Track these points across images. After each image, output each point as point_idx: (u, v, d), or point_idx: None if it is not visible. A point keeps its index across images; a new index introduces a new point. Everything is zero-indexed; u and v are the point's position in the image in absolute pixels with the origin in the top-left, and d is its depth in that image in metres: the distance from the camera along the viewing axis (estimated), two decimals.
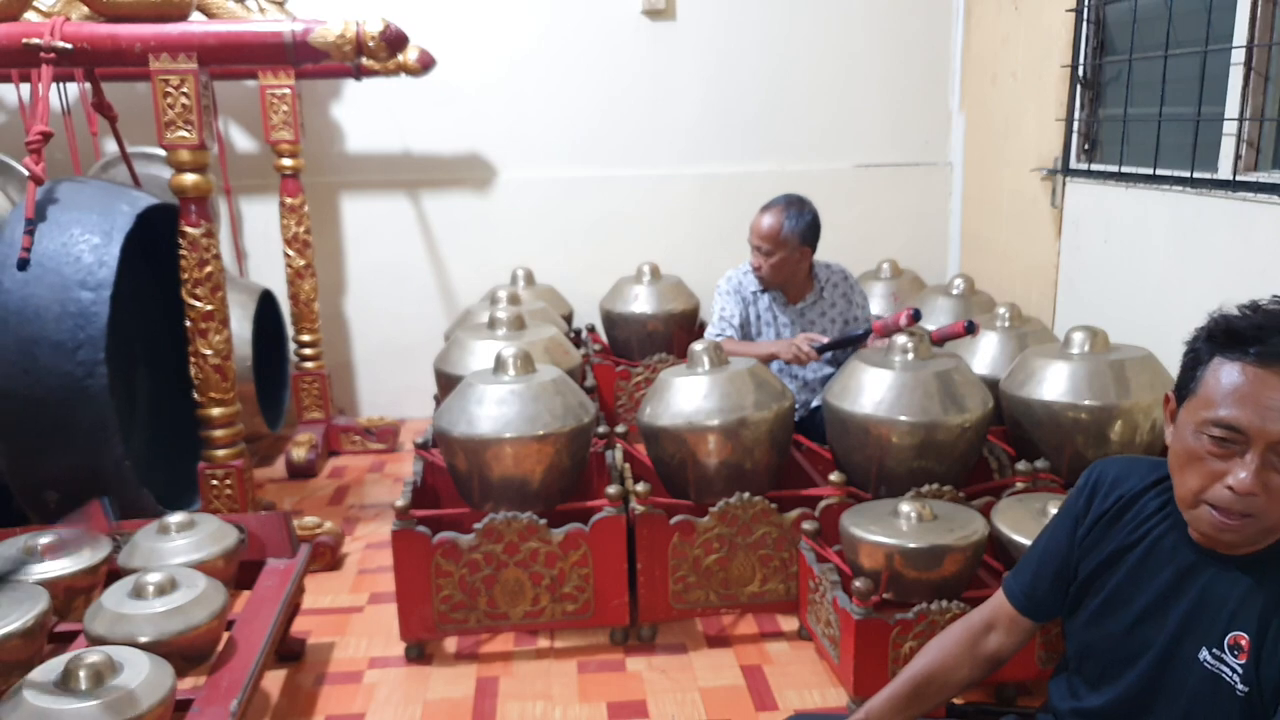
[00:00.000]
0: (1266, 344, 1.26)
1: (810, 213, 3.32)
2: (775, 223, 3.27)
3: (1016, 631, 1.67)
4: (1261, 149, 2.84)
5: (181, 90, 2.61)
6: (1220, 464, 1.29)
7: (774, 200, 3.35)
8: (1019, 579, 1.67)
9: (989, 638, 1.69)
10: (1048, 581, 1.63)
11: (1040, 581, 1.64)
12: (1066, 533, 1.61)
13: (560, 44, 4.51)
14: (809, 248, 3.34)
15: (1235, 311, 1.34)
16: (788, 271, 3.35)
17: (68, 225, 2.69)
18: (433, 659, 2.66)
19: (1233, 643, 1.36)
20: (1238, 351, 1.29)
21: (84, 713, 1.66)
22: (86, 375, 2.60)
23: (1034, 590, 1.64)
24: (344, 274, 4.67)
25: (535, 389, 2.66)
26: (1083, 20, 3.64)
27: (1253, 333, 1.28)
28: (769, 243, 3.28)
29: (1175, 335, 2.97)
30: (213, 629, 2.06)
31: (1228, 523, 1.30)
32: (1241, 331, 1.29)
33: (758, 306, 3.46)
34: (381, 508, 3.71)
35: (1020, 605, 1.66)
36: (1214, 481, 1.30)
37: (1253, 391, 1.26)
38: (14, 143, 3.09)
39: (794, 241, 3.29)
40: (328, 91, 4.44)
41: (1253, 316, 1.31)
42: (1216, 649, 1.37)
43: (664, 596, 2.68)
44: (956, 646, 1.69)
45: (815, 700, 2.42)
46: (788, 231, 3.27)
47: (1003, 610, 1.68)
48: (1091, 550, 1.56)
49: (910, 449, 2.69)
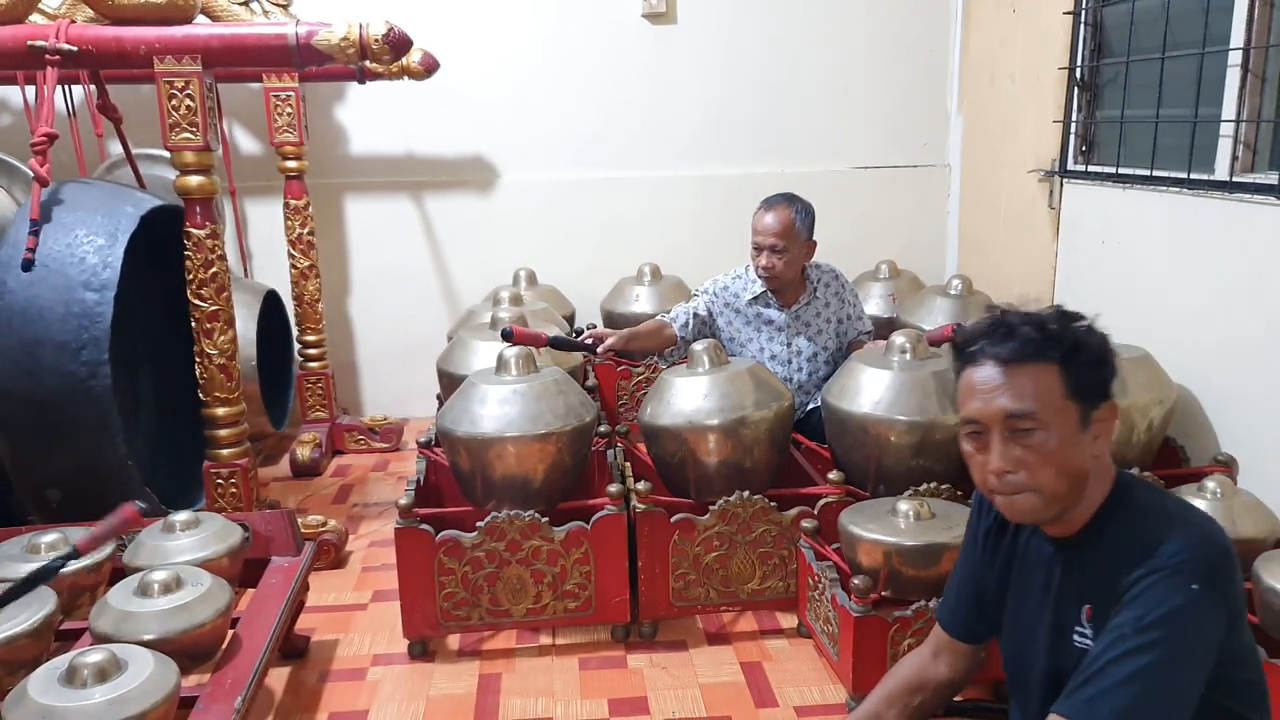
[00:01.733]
0: (972, 349, 1.47)
1: (810, 207, 3.34)
2: (787, 217, 3.25)
3: (961, 656, 1.73)
4: (1258, 150, 2.86)
5: (186, 92, 2.62)
6: (982, 456, 1.45)
7: (773, 198, 3.33)
8: (945, 607, 1.75)
9: (939, 665, 1.75)
10: (969, 604, 1.69)
11: (962, 605, 1.70)
12: (971, 553, 1.69)
13: (562, 47, 4.53)
14: (814, 241, 3.36)
15: (963, 331, 1.54)
16: (798, 267, 3.35)
17: (72, 226, 2.70)
18: (435, 656, 2.68)
19: (1086, 615, 1.45)
20: (960, 361, 1.49)
21: (89, 710, 1.67)
22: (90, 376, 2.61)
23: (959, 614, 1.71)
24: (348, 275, 4.69)
25: (537, 388, 2.68)
26: (1080, 22, 3.65)
27: (963, 343, 1.49)
28: (783, 239, 3.25)
29: (1172, 335, 2.99)
30: (217, 627, 2.07)
31: (1012, 503, 1.45)
32: (959, 345, 1.51)
33: (747, 313, 3.43)
34: (385, 506, 3.73)
35: (954, 632, 1.72)
36: (985, 473, 1.46)
37: (973, 387, 1.45)
38: (20, 145, 3.11)
39: (804, 235, 3.30)
40: (332, 94, 4.47)
41: (970, 328, 1.51)
42: (1080, 626, 1.46)
43: (664, 594, 2.69)
44: (911, 674, 1.75)
45: (815, 697, 2.44)
46: (799, 226, 3.27)
47: (942, 638, 1.74)
48: (990, 565, 1.64)
49: (908, 448, 2.71)
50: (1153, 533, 1.37)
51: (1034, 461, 1.41)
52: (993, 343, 1.44)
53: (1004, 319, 1.47)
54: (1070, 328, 1.44)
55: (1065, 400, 1.40)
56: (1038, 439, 1.40)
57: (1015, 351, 1.42)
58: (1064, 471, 1.41)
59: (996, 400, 1.41)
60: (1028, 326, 1.43)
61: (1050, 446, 1.40)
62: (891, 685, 1.74)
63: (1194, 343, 2.92)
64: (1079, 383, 1.41)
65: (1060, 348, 1.41)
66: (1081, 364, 1.42)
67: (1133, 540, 1.39)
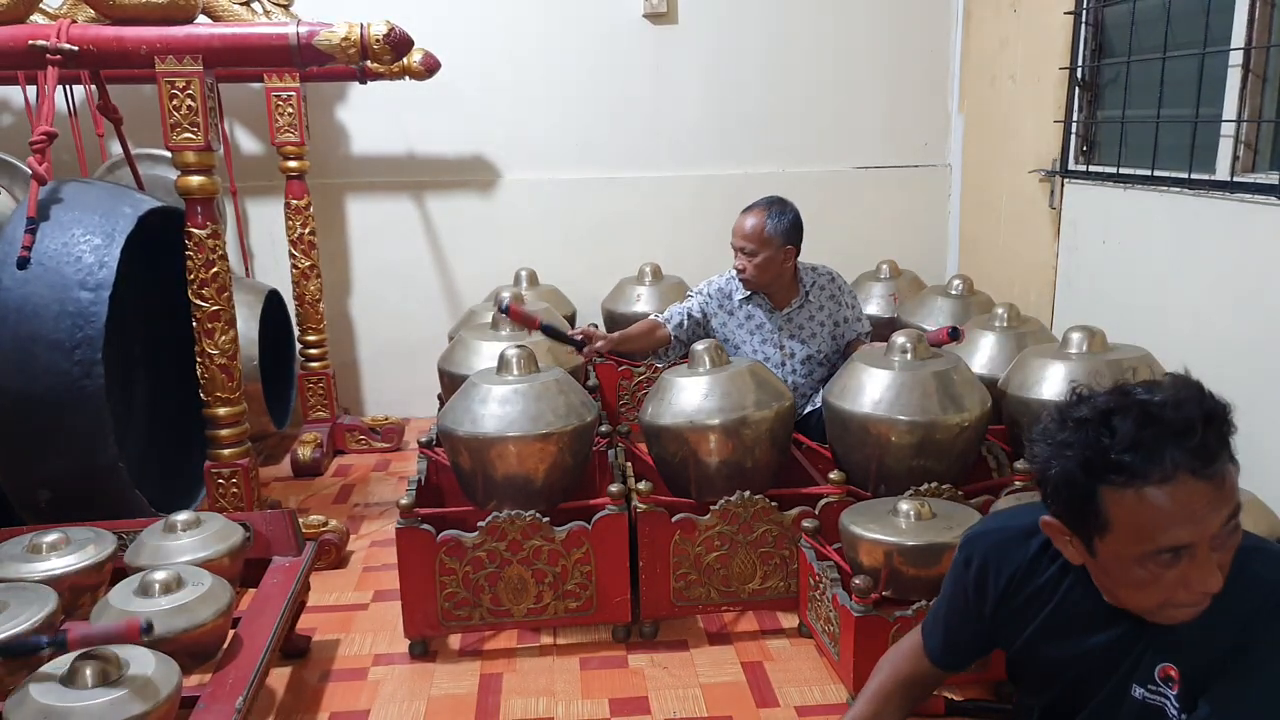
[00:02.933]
0: (1157, 463, 1.21)
1: (792, 212, 3.32)
2: (758, 222, 3.27)
3: (943, 677, 1.73)
4: (1259, 150, 2.86)
5: (187, 92, 2.62)
6: (1172, 573, 1.27)
7: (755, 202, 3.35)
8: (932, 640, 1.70)
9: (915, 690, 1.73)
10: (967, 639, 1.66)
11: (958, 641, 1.67)
12: (963, 616, 1.62)
13: (563, 47, 4.53)
14: (793, 246, 3.32)
15: (1090, 435, 1.26)
16: (773, 271, 3.33)
17: (69, 225, 2.69)
18: (437, 656, 2.68)
19: (1162, 675, 1.39)
20: (1136, 479, 1.23)
21: (90, 710, 1.67)
22: (83, 375, 2.59)
23: (954, 648, 1.68)
24: (349, 274, 4.69)
25: (538, 388, 2.68)
26: (1081, 22, 3.66)
27: (1134, 458, 1.22)
28: (752, 242, 3.27)
29: (1173, 335, 2.99)
30: (218, 626, 2.08)
31: (1198, 610, 1.31)
32: (1125, 462, 1.23)
33: (739, 315, 3.44)
34: (386, 506, 3.73)
35: (946, 663, 1.70)
36: (1175, 589, 1.28)
37: (1177, 509, 1.22)
38: (22, 145, 3.10)
39: (778, 240, 3.28)
40: (333, 94, 4.47)
41: (1116, 439, 1.24)
42: (1151, 684, 1.40)
43: (665, 594, 2.70)
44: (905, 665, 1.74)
45: (816, 697, 2.44)
46: (770, 230, 3.26)
47: (927, 668, 1.71)
48: (1007, 626, 1.56)
49: (909, 448, 2.71)
50: (1259, 575, 1.31)
51: (1229, 559, 1.30)
52: (1184, 453, 1.21)
53: (1172, 415, 1.23)
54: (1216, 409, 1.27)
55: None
56: (1237, 533, 1.28)
57: (1214, 455, 1.23)
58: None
59: (1215, 514, 1.24)
60: (1209, 424, 1.23)
61: (1238, 538, 1.30)
62: (885, 678, 1.73)
63: (1195, 342, 2.92)
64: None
65: (1225, 447, 1.26)
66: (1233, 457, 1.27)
67: (1229, 596, 1.30)
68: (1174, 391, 1.25)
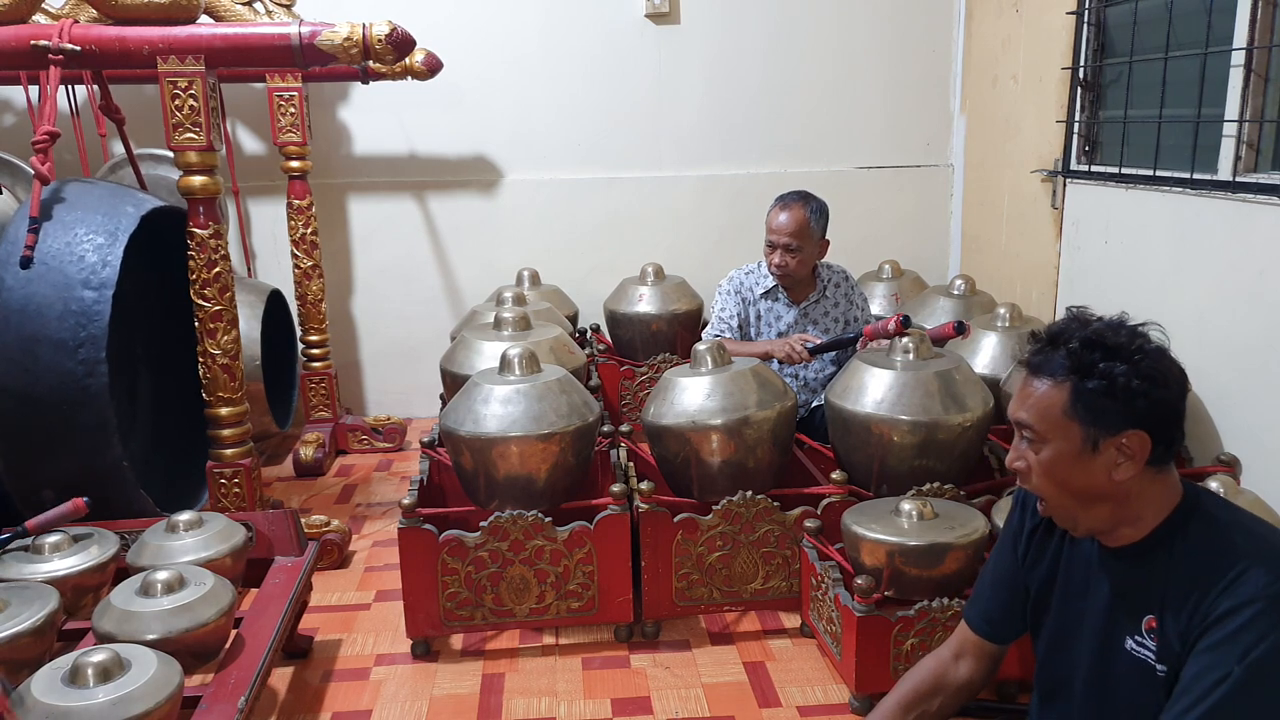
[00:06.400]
0: (1029, 354, 1.51)
1: (823, 203, 3.38)
2: (802, 216, 3.29)
3: (984, 657, 1.73)
4: (1261, 150, 2.85)
5: (189, 92, 2.63)
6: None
7: (787, 196, 3.36)
8: (976, 606, 1.75)
9: (959, 667, 1.74)
10: (1004, 603, 1.69)
11: (995, 605, 1.71)
12: (1010, 552, 1.69)
13: (565, 48, 4.54)
14: (827, 240, 3.39)
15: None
16: (810, 265, 3.39)
17: (72, 225, 2.70)
18: (439, 655, 2.68)
19: (1148, 626, 1.45)
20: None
21: (92, 710, 1.67)
22: (87, 374, 2.60)
23: (991, 614, 1.71)
24: (351, 274, 4.69)
25: (540, 388, 2.68)
26: (1083, 22, 3.65)
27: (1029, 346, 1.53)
28: (798, 238, 3.30)
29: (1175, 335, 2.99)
30: (220, 626, 2.08)
31: (1038, 507, 1.55)
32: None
33: (759, 307, 3.48)
34: (388, 506, 3.74)
35: (982, 631, 1.72)
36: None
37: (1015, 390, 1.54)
38: (24, 145, 3.11)
39: (818, 234, 3.33)
40: (335, 94, 4.47)
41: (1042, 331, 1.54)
42: (1138, 635, 1.46)
43: (668, 593, 2.70)
44: (930, 676, 1.75)
45: (818, 697, 2.44)
46: (814, 224, 3.30)
47: (968, 639, 1.74)
48: (1035, 565, 1.64)
49: (911, 448, 2.71)
50: (1240, 553, 1.36)
51: (1034, 470, 1.50)
52: (1033, 351, 1.51)
53: (1059, 331, 1.49)
54: (1095, 355, 1.43)
55: (1066, 420, 1.43)
56: (1036, 449, 1.49)
57: (1036, 364, 1.49)
58: (1064, 487, 1.46)
59: (1016, 403, 1.51)
60: (1067, 344, 1.46)
61: (1045, 459, 1.48)
62: (907, 689, 1.73)
63: (1197, 342, 2.91)
64: (1086, 407, 1.42)
65: (1075, 370, 1.43)
66: (1091, 390, 1.41)
67: (1215, 558, 1.38)
68: (1094, 331, 1.46)
